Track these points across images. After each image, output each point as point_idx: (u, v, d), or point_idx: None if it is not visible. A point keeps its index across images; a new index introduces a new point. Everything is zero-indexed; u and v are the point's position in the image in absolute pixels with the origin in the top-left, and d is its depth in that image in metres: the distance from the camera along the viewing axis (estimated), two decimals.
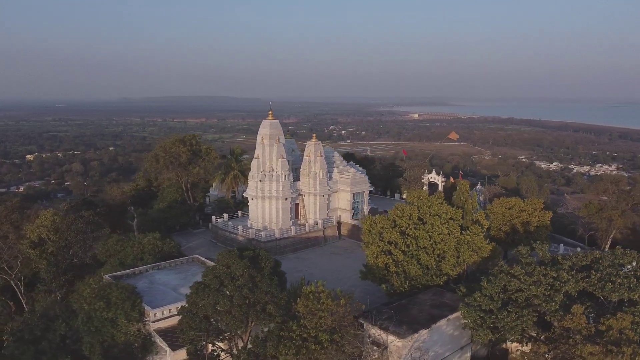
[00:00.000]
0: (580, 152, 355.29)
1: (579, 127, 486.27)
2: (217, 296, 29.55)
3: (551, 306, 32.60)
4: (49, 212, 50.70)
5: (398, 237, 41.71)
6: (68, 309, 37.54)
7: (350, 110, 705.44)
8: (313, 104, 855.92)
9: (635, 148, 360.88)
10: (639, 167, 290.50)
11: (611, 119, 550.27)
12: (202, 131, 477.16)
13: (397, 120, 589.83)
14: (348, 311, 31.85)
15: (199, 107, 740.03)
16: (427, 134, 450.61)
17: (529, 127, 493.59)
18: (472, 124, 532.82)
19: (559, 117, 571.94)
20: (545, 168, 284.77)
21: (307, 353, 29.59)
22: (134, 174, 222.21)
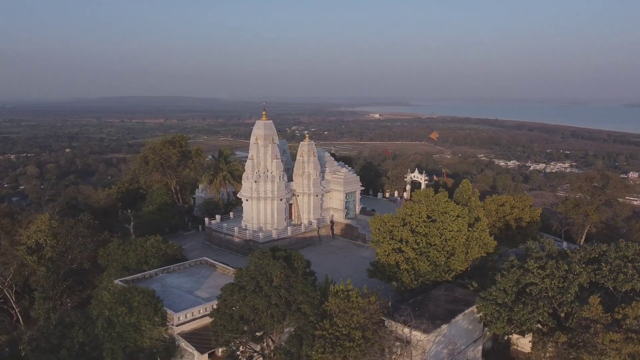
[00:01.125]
0: (536, 150, 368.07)
1: (533, 126, 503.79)
2: (255, 297, 29.62)
3: (567, 297, 34.25)
4: (45, 216, 49.13)
5: (409, 235, 42.68)
6: (83, 316, 36.63)
7: (312, 110, 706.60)
8: (274, 103, 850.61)
9: (585, 146, 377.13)
10: (590, 164, 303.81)
11: (562, 118, 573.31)
12: (161, 132, 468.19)
13: (358, 120, 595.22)
14: (377, 308, 32.50)
15: (157, 108, 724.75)
16: (388, 133, 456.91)
17: (486, 127, 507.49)
18: (432, 124, 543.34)
19: (515, 117, 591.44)
20: (503, 166, 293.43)
21: (343, 351, 30.06)
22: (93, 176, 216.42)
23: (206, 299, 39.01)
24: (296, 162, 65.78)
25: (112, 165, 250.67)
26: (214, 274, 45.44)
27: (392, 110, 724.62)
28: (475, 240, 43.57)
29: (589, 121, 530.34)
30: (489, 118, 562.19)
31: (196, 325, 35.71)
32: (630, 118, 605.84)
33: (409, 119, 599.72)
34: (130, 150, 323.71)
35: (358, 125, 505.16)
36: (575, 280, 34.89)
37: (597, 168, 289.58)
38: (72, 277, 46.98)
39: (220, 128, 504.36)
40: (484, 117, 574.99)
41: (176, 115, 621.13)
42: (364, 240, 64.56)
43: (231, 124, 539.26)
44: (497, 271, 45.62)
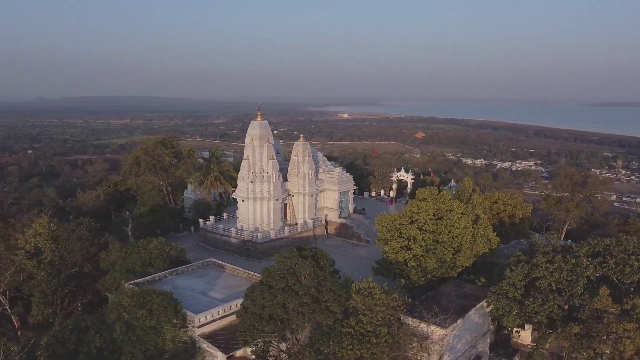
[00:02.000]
0: (501, 148, 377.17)
1: (498, 125, 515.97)
2: (286, 296, 29.81)
3: (577, 290, 35.68)
4: (44, 220, 47.90)
5: (417, 233, 43.53)
6: (98, 320, 35.96)
7: (280, 110, 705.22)
8: (242, 103, 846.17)
9: (549, 144, 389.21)
10: (554, 162, 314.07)
11: (525, 118, 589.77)
12: (127, 132, 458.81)
13: (327, 120, 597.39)
14: (400, 304, 33.16)
15: (123, 108, 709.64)
16: (358, 133, 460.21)
17: (452, 126, 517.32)
18: (400, 123, 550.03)
19: (480, 116, 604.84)
20: (471, 164, 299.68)
21: (371, 347, 30.58)
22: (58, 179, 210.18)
23: (221, 300, 38.90)
24: (291, 162, 65.93)
25: (77, 167, 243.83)
26: (223, 275, 45.26)
27: (360, 110, 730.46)
28: (481, 236, 44.83)
29: (550, 120, 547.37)
30: (455, 118, 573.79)
31: (216, 326, 35.61)
32: (588, 117, 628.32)
33: (378, 118, 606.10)
34: (96, 152, 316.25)
35: (327, 125, 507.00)
36: (583, 273, 36.35)
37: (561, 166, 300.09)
38: (74, 281, 45.97)
39: (188, 128, 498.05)
40: (450, 117, 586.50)
41: (142, 116, 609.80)
42: (359, 239, 65.24)
43: (199, 124, 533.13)
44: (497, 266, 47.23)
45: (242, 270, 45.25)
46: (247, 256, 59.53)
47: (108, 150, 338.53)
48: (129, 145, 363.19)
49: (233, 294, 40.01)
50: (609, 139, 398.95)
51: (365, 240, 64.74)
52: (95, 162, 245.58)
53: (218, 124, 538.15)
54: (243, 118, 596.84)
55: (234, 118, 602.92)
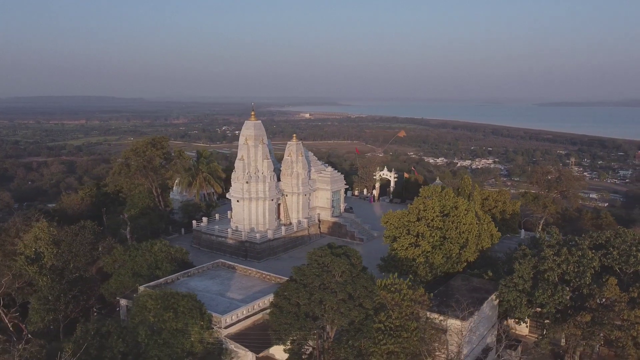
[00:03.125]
0: (461, 147, 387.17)
1: (457, 124, 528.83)
2: (323, 293, 30.17)
3: (585, 280, 37.60)
4: (43, 224, 46.36)
5: (426, 230, 44.69)
6: (119, 324, 35.29)
7: (241, 110, 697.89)
8: (202, 103, 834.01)
9: (506, 143, 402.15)
10: (512, 160, 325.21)
11: (482, 117, 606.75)
12: (83, 133, 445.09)
13: (289, 119, 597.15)
14: (425, 299, 34.10)
15: (77, 108, 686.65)
16: (320, 133, 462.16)
17: (413, 125, 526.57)
18: (362, 123, 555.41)
19: (439, 116, 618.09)
20: (433, 163, 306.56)
21: (402, 341, 31.38)
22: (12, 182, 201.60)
23: (241, 300, 38.84)
24: (284, 162, 66.08)
25: (32, 169, 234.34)
26: (235, 275, 45.09)
27: (321, 109, 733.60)
28: (485, 231, 46.42)
29: (506, 119, 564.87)
30: (416, 117, 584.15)
31: (241, 326, 35.58)
32: (541, 116, 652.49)
33: (339, 118, 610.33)
34: (51, 154, 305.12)
35: (289, 125, 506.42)
36: (589, 264, 38.31)
37: (518, 164, 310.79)
38: (77, 286, 44.79)
39: (147, 129, 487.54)
40: (410, 117, 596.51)
41: (98, 116, 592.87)
42: (352, 237, 66.04)
43: (158, 125, 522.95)
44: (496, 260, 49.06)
45: (255, 271, 45.25)
46: (245, 257, 59.36)
47: (64, 152, 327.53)
48: (86, 147, 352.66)
49: (251, 294, 40.03)
50: (562, 137, 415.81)
51: (360, 238, 65.64)
52: (51, 164, 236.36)
53: (178, 125, 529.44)
54: (203, 118, 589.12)
55: (194, 118, 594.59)
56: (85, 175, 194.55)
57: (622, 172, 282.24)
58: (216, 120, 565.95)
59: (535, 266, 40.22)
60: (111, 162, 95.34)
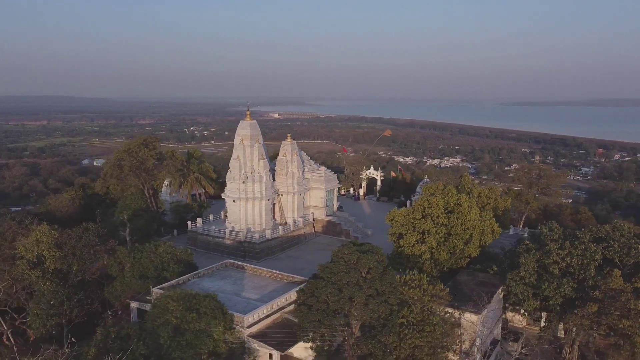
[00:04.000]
0: (429, 146, 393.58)
1: (424, 124, 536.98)
2: (352, 290, 30.54)
3: (589, 272, 39.20)
4: (44, 227, 45.10)
5: (432, 226, 45.61)
6: (139, 327, 34.82)
7: (209, 110, 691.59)
8: (168, 103, 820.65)
9: (472, 142, 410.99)
10: (479, 158, 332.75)
11: (449, 116, 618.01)
12: (45, 134, 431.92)
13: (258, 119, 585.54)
14: (445, 294, 34.93)
15: (37, 108, 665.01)
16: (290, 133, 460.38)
17: (381, 125, 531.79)
18: (331, 123, 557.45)
19: (407, 115, 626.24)
20: (403, 162, 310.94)
21: (427, 335, 32.10)
22: None
23: (257, 300, 38.88)
24: (278, 162, 66.12)
25: None
26: (245, 275, 45.00)
27: (290, 110, 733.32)
28: (487, 227, 47.70)
29: (472, 119, 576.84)
30: (384, 117, 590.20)
31: (262, 325, 35.63)
32: (505, 115, 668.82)
33: (308, 118, 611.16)
34: (12, 155, 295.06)
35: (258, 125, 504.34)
36: (593, 257, 39.96)
37: (485, 162, 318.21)
38: (82, 289, 43.85)
39: (112, 130, 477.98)
40: (378, 116, 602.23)
41: (60, 117, 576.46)
42: (347, 235, 66.62)
43: (124, 125, 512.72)
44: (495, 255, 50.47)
45: (266, 270, 45.26)
46: (243, 257, 59.13)
47: (25, 153, 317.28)
48: (49, 148, 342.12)
49: (266, 294, 40.09)
50: (526, 135, 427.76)
51: (354, 236, 66.23)
52: (12, 166, 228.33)
53: (144, 125, 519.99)
54: (170, 118, 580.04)
55: (161, 118, 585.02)
56: (51, 178, 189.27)
57: (584, 169, 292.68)
58: (184, 121, 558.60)
59: (538, 260, 41.66)
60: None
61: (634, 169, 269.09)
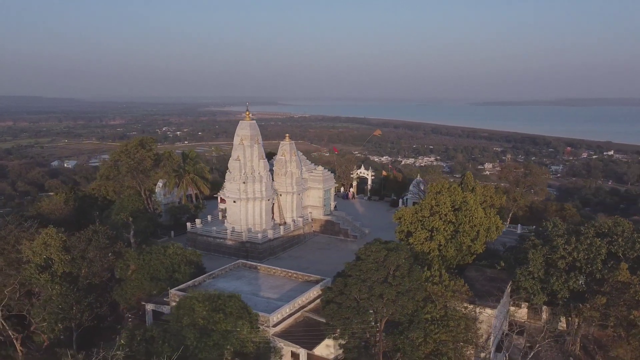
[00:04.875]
0: (403, 146, 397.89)
1: (398, 123, 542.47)
2: (383, 287, 31.02)
3: (597, 266, 40.70)
4: (51, 230, 44.15)
5: (440, 224, 46.49)
6: (162, 329, 34.52)
7: (181, 110, 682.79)
8: (139, 104, 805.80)
9: (445, 141, 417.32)
10: (452, 157, 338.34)
11: (422, 116, 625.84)
12: (11, 136, 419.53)
13: (231, 120, 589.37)
14: (466, 290, 35.79)
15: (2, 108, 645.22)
16: (265, 133, 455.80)
17: (356, 125, 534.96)
18: (305, 123, 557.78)
19: (381, 115, 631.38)
20: (378, 161, 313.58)
21: (452, 330, 32.87)
22: None
23: (277, 299, 38.99)
24: (277, 162, 66.15)
25: None
26: (259, 275, 45.00)
27: (264, 109, 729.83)
28: (493, 224, 48.88)
29: (444, 118, 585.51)
30: (358, 117, 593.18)
31: (285, 325, 35.80)
32: (476, 115, 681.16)
33: (282, 118, 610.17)
34: None
35: (232, 125, 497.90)
36: (599, 251, 41.47)
37: (459, 161, 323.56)
38: (92, 293, 43.14)
39: (81, 130, 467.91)
40: (352, 116, 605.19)
41: (27, 117, 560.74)
42: (346, 234, 67.15)
43: (94, 126, 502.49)
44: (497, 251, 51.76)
45: (280, 270, 45.39)
46: (245, 257, 58.83)
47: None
48: (16, 150, 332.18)
49: (285, 293, 40.23)
50: (497, 134, 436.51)
51: (353, 235, 66.84)
52: None
53: (115, 126, 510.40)
54: (142, 119, 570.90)
55: (132, 119, 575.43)
56: (20, 180, 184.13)
57: (553, 167, 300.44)
58: (155, 121, 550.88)
59: (545, 255, 43.02)
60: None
61: (601, 167, 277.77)
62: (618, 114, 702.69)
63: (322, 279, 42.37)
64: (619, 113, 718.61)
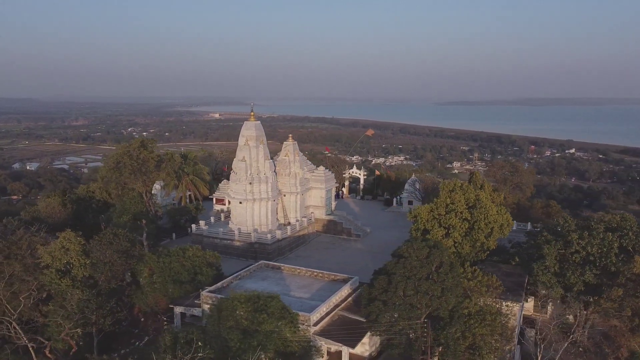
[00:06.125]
0: (373, 145, 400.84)
1: (366, 123, 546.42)
2: (429, 284, 31.75)
3: (611, 259, 42.59)
4: (69, 233, 43.10)
5: (457, 222, 47.65)
6: (201, 331, 34.35)
7: (146, 110, 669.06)
8: (102, 104, 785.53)
9: (413, 140, 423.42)
10: (421, 156, 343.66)
11: (389, 116, 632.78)
12: None
13: (198, 120, 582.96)
14: (499, 285, 36.96)
15: None
16: (234, 133, 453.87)
17: (324, 125, 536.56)
18: (274, 123, 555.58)
19: (349, 115, 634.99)
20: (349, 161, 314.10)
21: (489, 324, 33.94)
22: None
23: (309, 298, 39.28)
24: (280, 162, 66.23)
25: None
26: (284, 275, 45.11)
27: (231, 109, 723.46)
28: (505, 221, 50.41)
29: (411, 118, 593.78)
30: (326, 117, 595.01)
31: (324, 324, 36.14)
32: (442, 115, 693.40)
33: None
34: None
35: (200, 126, 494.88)
36: (611, 246, 43.38)
37: (428, 160, 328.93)
38: (114, 297, 42.40)
39: (42, 131, 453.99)
40: (321, 116, 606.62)
41: None
42: (349, 234, 67.79)
43: (55, 127, 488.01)
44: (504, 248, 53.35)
45: (305, 270, 45.65)
46: (254, 258, 58.84)
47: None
48: None
49: (315, 293, 40.53)
50: (464, 134, 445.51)
51: (356, 234, 67.54)
52: None
53: (78, 126, 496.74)
54: (106, 119, 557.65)
55: (96, 119, 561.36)
56: None
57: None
58: (120, 121, 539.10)
59: (558, 250, 44.72)
60: None
61: (564, 164, 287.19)
62: (576, 113, 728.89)
63: (349, 277, 42.88)
64: (577, 113, 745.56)
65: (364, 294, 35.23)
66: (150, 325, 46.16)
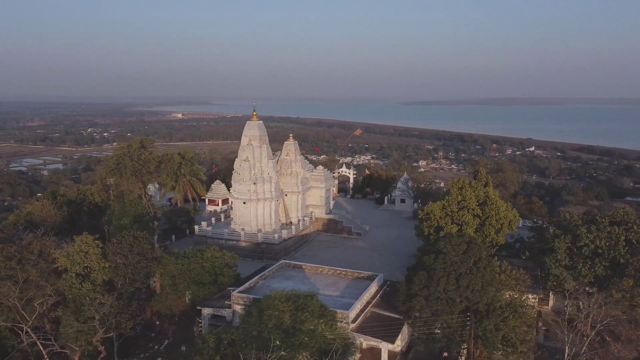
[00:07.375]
0: (339, 144, 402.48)
1: (331, 122, 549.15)
2: (471, 277, 32.52)
3: (619, 251, 44.59)
4: (87, 237, 41.85)
5: (470, 218, 48.87)
6: (244, 332, 34.06)
7: (106, 110, 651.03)
8: (57, 103, 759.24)
9: (379, 140, 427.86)
10: (388, 155, 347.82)
11: (354, 115, 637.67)
12: None
13: (161, 120, 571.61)
14: (527, 278, 38.22)
15: None
16: (198, 133, 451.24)
17: (290, 124, 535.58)
18: (239, 123, 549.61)
19: (314, 114, 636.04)
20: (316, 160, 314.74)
21: (522, 316, 35.10)
22: None
23: (339, 296, 39.50)
24: (282, 162, 66.04)
25: None
26: (307, 274, 45.15)
27: (194, 109, 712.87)
28: (513, 217, 51.99)
29: (376, 117, 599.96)
30: (292, 116, 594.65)
31: (359, 321, 36.45)
32: (406, 114, 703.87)
33: (214, 118, 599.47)
34: None
35: (162, 126, 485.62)
36: (619, 239, 45.42)
37: (395, 159, 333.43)
38: (135, 300, 41.48)
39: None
40: (286, 116, 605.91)
41: None
42: (349, 232, 68.25)
43: (10, 128, 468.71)
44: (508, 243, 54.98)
45: (328, 268, 45.81)
46: (261, 258, 58.68)
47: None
48: None
49: (344, 290, 40.79)
50: (428, 133, 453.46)
51: (356, 233, 68.07)
52: None
53: (34, 127, 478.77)
54: (63, 119, 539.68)
55: (53, 120, 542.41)
56: None
57: None
58: (79, 122, 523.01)
59: (567, 244, 46.54)
60: None
61: (525, 162, 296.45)
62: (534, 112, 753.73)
63: (373, 275, 43.37)
64: (535, 112, 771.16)
65: (401, 290, 35.75)
66: (167, 328, 45.39)
